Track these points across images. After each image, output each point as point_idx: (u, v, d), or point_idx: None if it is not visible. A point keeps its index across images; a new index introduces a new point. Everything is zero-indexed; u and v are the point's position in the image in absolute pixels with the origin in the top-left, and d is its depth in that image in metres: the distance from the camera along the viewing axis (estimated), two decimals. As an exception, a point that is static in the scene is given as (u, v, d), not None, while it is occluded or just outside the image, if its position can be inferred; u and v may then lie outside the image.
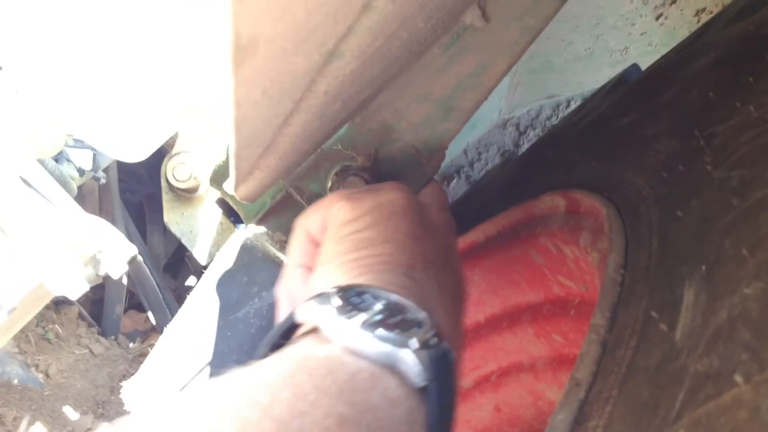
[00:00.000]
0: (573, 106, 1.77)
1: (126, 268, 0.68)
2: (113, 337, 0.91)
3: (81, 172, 0.84)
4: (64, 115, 0.59)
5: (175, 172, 0.94)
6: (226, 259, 0.61)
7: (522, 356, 1.08)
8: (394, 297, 0.44)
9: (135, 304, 1.36)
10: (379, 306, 0.42)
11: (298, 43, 0.32)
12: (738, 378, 0.26)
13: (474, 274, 1.03)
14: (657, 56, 0.88)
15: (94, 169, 0.80)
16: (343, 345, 0.39)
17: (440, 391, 0.39)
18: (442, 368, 0.40)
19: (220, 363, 0.61)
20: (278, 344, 0.45)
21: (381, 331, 0.40)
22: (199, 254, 0.99)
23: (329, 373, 0.37)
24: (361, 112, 0.57)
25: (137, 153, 0.46)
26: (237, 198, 0.51)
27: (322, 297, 0.43)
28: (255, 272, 0.67)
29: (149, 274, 0.87)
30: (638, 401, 0.35)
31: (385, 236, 0.51)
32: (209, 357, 0.61)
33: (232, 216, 0.85)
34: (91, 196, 1.02)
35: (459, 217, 1.30)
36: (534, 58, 1.54)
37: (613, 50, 1.56)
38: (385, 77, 0.51)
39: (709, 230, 0.42)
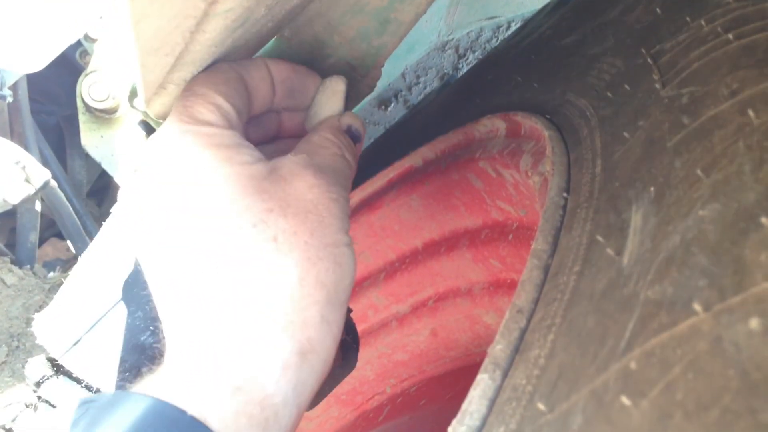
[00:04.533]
0: (513, 28, 1.74)
1: (27, 192, 0.62)
2: (28, 266, 0.86)
3: (-19, 88, 0.76)
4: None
5: (91, 91, 0.87)
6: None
7: (459, 281, 1.08)
8: None
9: (57, 231, 1.30)
10: None
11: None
12: (696, 306, 0.24)
13: (411, 199, 1.02)
14: (600, -25, 0.85)
15: (-2, 86, 0.73)
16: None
17: None
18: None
19: (132, 294, 0.57)
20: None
21: None
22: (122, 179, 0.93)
23: None
24: (290, 24, 0.52)
25: (31, 62, 0.40)
26: (151, 116, 0.47)
27: None
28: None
29: (65, 201, 0.81)
30: (583, 330, 0.33)
31: None
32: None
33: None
34: (-1, 117, 0.94)
35: (397, 142, 1.27)
36: (475, -24, 1.49)
37: (555, -31, 1.52)
38: (315, -17, 0.47)
39: (657, 151, 0.40)
